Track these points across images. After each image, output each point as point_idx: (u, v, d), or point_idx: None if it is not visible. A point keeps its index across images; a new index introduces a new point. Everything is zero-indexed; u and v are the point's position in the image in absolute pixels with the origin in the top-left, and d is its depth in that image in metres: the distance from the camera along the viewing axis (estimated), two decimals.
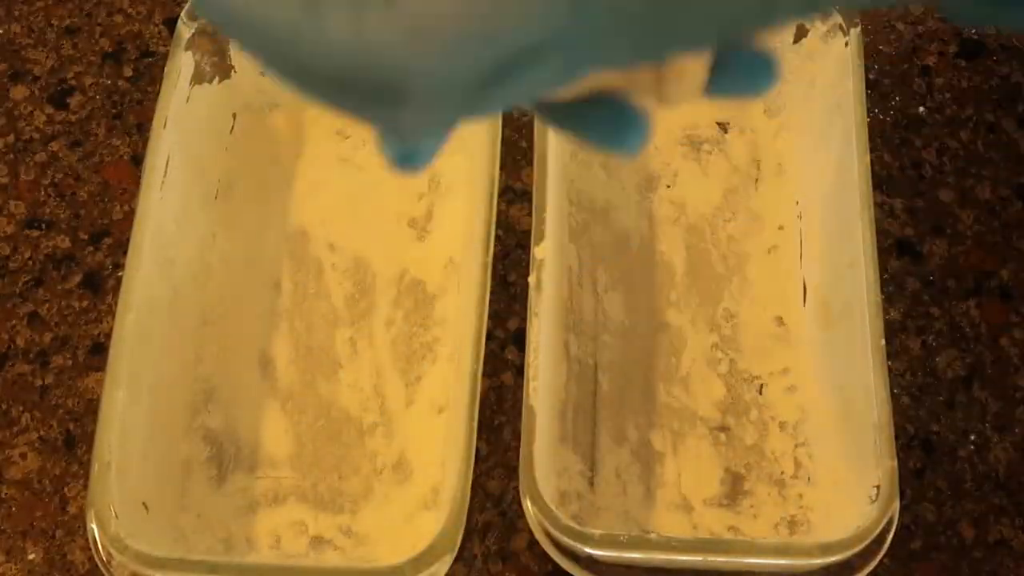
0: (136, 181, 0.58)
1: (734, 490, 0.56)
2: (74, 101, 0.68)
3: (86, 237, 0.64)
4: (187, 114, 0.59)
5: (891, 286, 0.62)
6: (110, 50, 0.69)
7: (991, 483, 0.58)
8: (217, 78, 0.62)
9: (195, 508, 0.55)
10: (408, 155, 0.30)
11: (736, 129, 0.65)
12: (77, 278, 0.63)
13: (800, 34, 0.62)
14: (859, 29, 0.60)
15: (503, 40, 0.25)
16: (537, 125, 0.58)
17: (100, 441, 0.50)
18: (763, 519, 0.55)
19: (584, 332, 0.59)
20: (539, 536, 0.50)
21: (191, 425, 0.57)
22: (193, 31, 0.60)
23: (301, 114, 0.66)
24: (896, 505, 0.49)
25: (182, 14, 0.60)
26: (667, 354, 0.59)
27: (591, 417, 0.58)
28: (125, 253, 0.55)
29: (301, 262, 0.62)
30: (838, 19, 0.60)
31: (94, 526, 0.49)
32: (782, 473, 0.56)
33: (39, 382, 0.60)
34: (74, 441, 0.59)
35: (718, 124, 0.66)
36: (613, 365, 0.59)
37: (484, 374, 0.52)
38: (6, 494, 0.58)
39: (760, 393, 0.59)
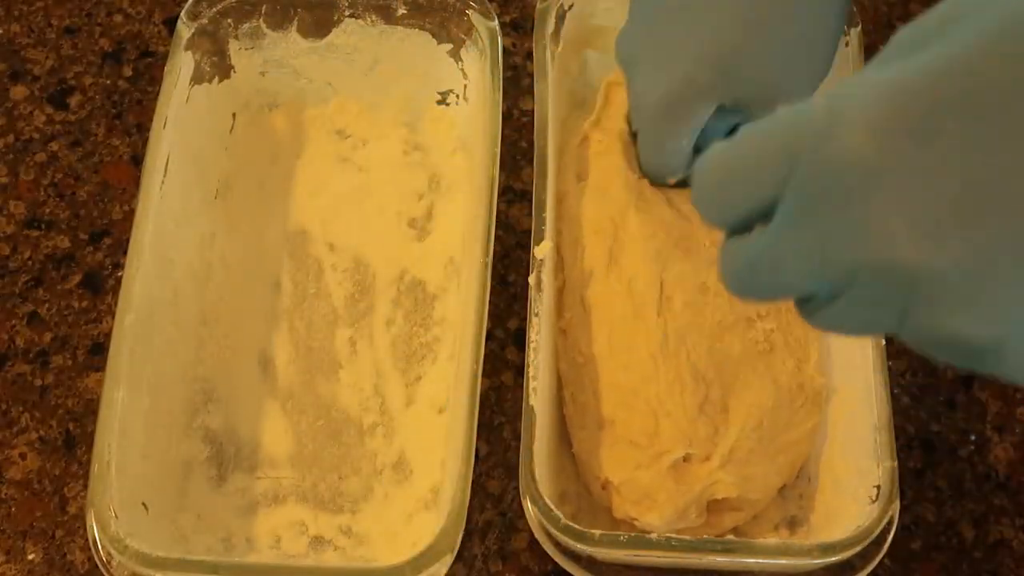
0: (136, 181, 0.58)
1: None
2: (74, 101, 0.68)
3: (86, 237, 0.64)
4: (187, 114, 0.59)
5: None
6: (110, 50, 0.69)
7: (991, 483, 0.58)
8: (217, 78, 0.62)
9: (195, 508, 0.55)
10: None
11: None
12: (77, 278, 0.63)
13: None
14: (859, 29, 0.60)
15: None
16: (537, 125, 0.57)
17: (100, 441, 0.50)
18: (763, 519, 0.55)
19: None
20: (539, 536, 0.50)
21: (191, 425, 0.57)
22: (193, 31, 0.60)
23: (301, 114, 0.65)
24: (896, 505, 0.49)
25: (182, 14, 0.60)
26: None
27: None
28: (125, 253, 0.55)
29: (301, 262, 0.62)
30: None
31: (94, 526, 0.49)
32: None
33: (39, 382, 0.60)
34: (74, 441, 0.59)
35: None
36: None
37: (484, 374, 0.52)
38: (6, 494, 0.57)
39: None
